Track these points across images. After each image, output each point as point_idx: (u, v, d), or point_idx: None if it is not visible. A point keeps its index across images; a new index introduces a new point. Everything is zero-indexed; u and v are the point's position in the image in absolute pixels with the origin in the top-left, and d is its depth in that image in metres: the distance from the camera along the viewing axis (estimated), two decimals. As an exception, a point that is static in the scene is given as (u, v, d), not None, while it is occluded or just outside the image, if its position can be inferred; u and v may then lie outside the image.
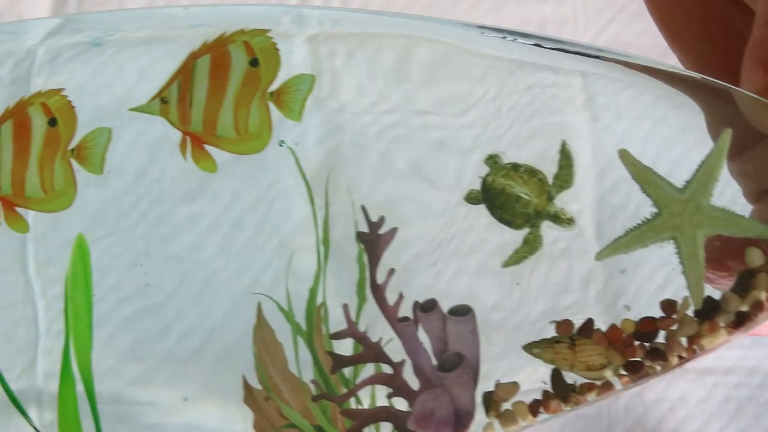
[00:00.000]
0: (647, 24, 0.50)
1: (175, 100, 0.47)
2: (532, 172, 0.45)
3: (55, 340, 0.48)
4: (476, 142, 0.46)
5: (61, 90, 0.49)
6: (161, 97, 0.47)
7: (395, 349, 0.46)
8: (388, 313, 0.46)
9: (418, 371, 0.46)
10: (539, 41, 0.45)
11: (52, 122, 0.49)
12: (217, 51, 0.47)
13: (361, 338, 0.46)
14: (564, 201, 0.46)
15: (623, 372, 0.45)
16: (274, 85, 0.47)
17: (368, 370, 0.46)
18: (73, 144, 0.48)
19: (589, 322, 0.45)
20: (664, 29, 0.51)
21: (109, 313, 0.48)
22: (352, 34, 0.47)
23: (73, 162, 0.48)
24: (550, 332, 0.46)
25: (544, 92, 0.46)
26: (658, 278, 0.45)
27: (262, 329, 0.47)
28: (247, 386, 0.47)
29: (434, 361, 0.46)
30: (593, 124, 0.46)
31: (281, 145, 0.47)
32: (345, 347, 0.46)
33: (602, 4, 0.58)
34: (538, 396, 0.45)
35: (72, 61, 0.48)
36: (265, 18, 0.47)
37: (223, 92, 0.47)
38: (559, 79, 0.46)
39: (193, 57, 0.47)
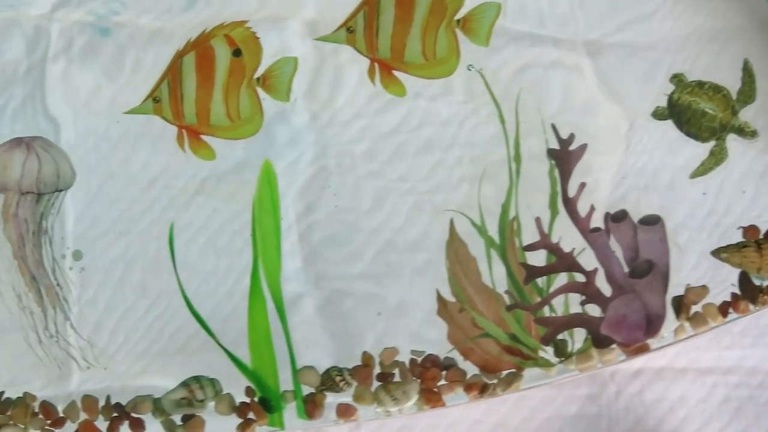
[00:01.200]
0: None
1: (361, 29, 0.49)
2: (717, 89, 0.48)
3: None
4: (659, 63, 0.49)
5: (245, 22, 0.50)
6: (347, 27, 0.49)
7: (587, 259, 0.48)
8: (580, 224, 0.48)
9: (611, 278, 0.48)
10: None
11: (237, 53, 0.50)
12: (399, -19, 0.49)
13: (554, 249, 0.48)
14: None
15: (810, 273, 0.48)
16: (461, 13, 0.49)
17: (561, 279, 0.48)
18: (259, 73, 0.50)
19: (776, 226, 0.48)
20: None
21: (298, 236, 0.49)
22: None
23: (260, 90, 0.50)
24: (737, 238, 0.48)
25: None
26: None
27: (455, 244, 0.49)
28: (441, 299, 0.48)
29: (626, 269, 0.48)
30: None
31: (470, 70, 0.49)
32: (538, 258, 0.48)
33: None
34: (727, 298, 0.48)
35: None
36: None
37: (410, 20, 0.49)
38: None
39: (377, -12, 0.49)
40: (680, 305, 0.48)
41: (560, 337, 0.48)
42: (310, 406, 0.49)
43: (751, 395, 0.54)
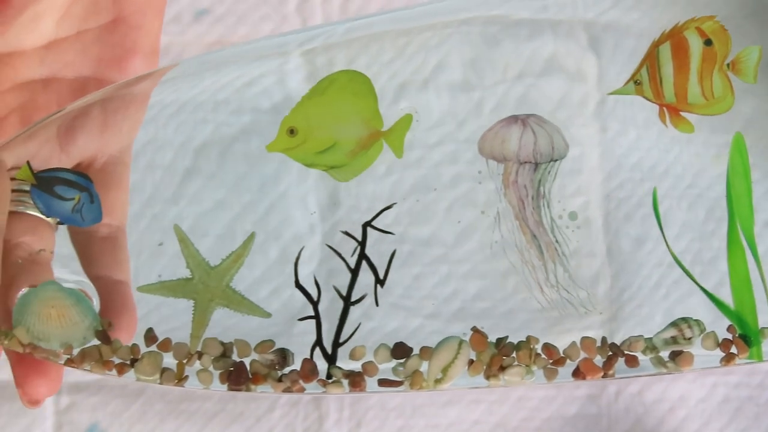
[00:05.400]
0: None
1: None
2: None
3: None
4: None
5: (713, 16, 0.59)
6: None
7: None
8: None
9: None
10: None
11: (708, 42, 0.59)
12: None
13: None
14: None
15: None
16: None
17: None
18: (729, 59, 0.59)
19: None
20: None
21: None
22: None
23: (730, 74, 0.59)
24: None
25: None
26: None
27: None
28: None
29: None
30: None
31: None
32: None
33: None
34: None
35: None
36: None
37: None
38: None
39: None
40: None
41: None
42: (788, 342, 0.57)
43: (750, 395, 0.57)
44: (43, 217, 0.54)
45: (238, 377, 0.55)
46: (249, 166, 0.58)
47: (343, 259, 0.57)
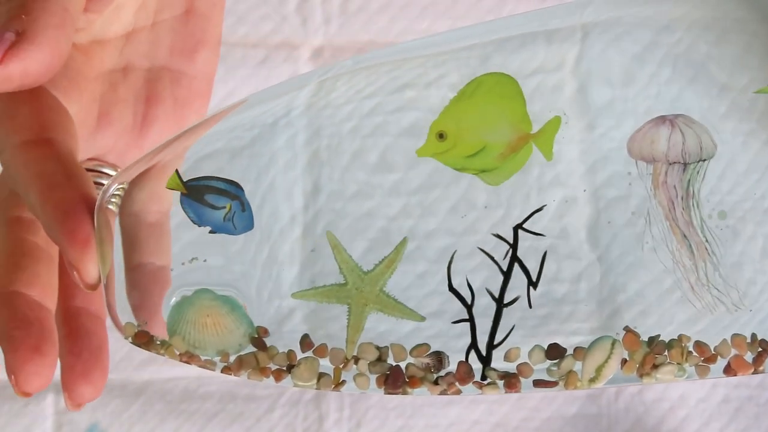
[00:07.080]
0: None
1: None
2: None
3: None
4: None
5: None
6: None
7: None
8: None
9: None
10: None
11: None
12: None
13: None
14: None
15: None
16: None
17: None
18: None
19: None
20: None
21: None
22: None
23: None
24: None
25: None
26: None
27: None
28: None
29: None
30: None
31: None
32: None
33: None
34: None
35: None
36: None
37: None
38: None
39: None
40: None
41: None
42: None
43: (750, 395, 0.58)
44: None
45: (395, 381, 0.56)
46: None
47: (496, 262, 0.57)
